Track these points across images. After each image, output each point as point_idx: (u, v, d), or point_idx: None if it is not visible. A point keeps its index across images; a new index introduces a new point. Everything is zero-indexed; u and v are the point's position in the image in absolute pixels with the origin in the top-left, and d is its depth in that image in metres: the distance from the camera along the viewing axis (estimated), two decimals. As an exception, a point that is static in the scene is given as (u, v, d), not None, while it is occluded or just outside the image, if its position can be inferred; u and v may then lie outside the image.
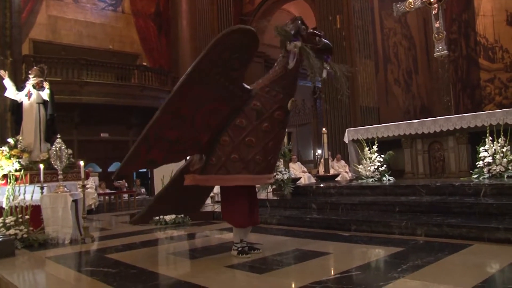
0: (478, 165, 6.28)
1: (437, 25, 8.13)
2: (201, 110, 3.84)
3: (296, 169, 11.95)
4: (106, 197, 12.91)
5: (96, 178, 13.11)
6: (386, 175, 7.31)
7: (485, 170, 6.15)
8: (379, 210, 5.78)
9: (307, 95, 19.34)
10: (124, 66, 16.87)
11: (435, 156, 7.54)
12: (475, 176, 6.26)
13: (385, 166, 7.39)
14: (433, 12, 8.13)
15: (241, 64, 3.84)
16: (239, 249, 4.28)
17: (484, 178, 6.08)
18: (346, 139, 8.63)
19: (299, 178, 9.08)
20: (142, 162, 4.07)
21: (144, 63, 17.69)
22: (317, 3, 13.87)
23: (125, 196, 13.65)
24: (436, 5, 8.09)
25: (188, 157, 4.63)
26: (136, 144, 3.84)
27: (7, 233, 5.55)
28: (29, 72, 7.67)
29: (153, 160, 4.06)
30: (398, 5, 8.72)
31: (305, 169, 12.98)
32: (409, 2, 8.46)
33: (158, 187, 8.49)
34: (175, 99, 3.73)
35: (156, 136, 3.81)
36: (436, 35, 8.17)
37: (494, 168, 6.09)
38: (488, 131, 6.28)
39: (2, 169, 6.85)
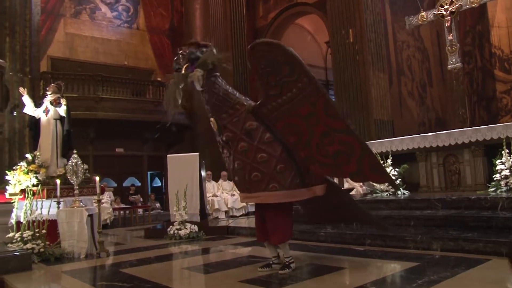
0: (495, 178, 6.20)
1: (450, 37, 8.12)
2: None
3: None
4: (121, 212, 13.01)
5: (111, 193, 13.22)
6: (401, 189, 7.26)
7: (502, 183, 6.07)
8: (394, 224, 5.73)
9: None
10: (139, 82, 17.10)
11: (451, 169, 7.47)
12: (492, 189, 6.17)
13: (399, 179, 7.34)
14: (446, 25, 8.13)
15: None
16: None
17: (501, 192, 5.99)
18: (360, 153, 8.58)
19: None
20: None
21: (159, 79, 17.90)
22: (330, 17, 13.94)
23: (140, 211, 13.72)
24: (448, 17, 8.09)
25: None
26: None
27: (25, 247, 5.64)
28: (47, 89, 7.86)
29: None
30: (411, 19, 8.73)
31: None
32: (422, 15, 8.48)
33: (172, 201, 8.54)
34: None
35: None
36: (449, 47, 8.15)
37: (511, 181, 6.01)
38: (504, 143, 6.21)
39: (20, 184, 6.99)
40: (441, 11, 8.17)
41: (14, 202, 6.44)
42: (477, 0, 7.75)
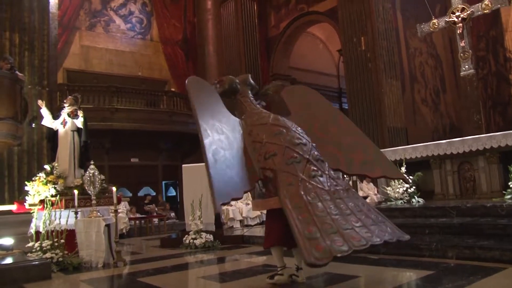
0: (511, 185, 6.16)
1: (462, 44, 8.10)
2: None
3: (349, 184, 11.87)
4: (137, 222, 13.12)
5: (127, 203, 13.35)
6: (416, 197, 7.23)
7: (518, 190, 6.02)
8: (409, 232, 5.67)
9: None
10: (153, 92, 17.32)
11: (465, 177, 7.42)
12: (508, 196, 6.11)
13: (414, 187, 7.31)
14: (458, 32, 8.11)
15: None
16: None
17: (517, 199, 5.95)
18: (373, 161, 8.57)
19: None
20: None
21: (173, 89, 18.13)
22: (342, 25, 14.00)
23: (155, 220, 13.83)
24: (460, 24, 8.07)
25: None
26: None
27: (44, 256, 5.75)
28: (64, 101, 8.03)
29: None
30: (422, 26, 8.73)
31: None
32: (433, 22, 8.47)
33: (188, 211, 8.61)
34: None
35: None
36: (462, 54, 8.13)
37: (527, 188, 5.96)
38: (519, 150, 6.17)
39: (39, 195, 7.13)
40: (452, 18, 8.16)
41: (33, 212, 6.56)
42: (488, 6, 7.73)
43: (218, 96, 4.20)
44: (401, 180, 7.28)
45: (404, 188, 7.25)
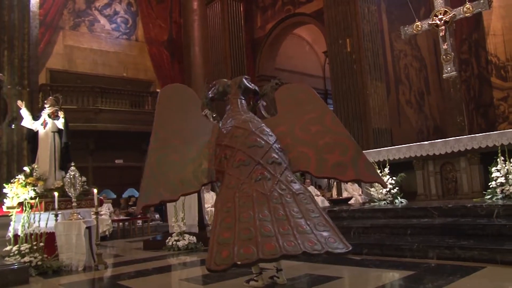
0: (491, 186, 6.22)
1: (445, 46, 8.17)
2: None
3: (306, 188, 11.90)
4: (120, 223, 13.00)
5: (110, 204, 13.24)
6: (399, 197, 7.27)
7: (498, 190, 6.07)
8: (391, 233, 5.75)
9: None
10: (138, 93, 17.24)
11: (447, 177, 7.49)
12: (488, 197, 6.17)
13: (397, 188, 7.35)
14: (441, 34, 8.18)
15: None
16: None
17: (497, 199, 6.00)
18: (357, 162, 8.60)
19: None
20: None
21: (158, 90, 18.02)
22: (327, 27, 14.06)
23: (139, 222, 13.72)
24: (443, 27, 8.14)
25: None
26: None
27: (22, 260, 5.65)
28: (45, 101, 7.92)
29: None
30: (406, 28, 8.79)
31: (318, 193, 12.95)
32: (416, 25, 8.54)
33: (171, 213, 8.55)
34: None
35: None
36: (444, 56, 8.20)
37: (507, 188, 6.01)
38: (499, 151, 6.23)
39: (18, 197, 7.02)
40: (435, 20, 8.23)
41: (11, 215, 6.46)
42: (470, 10, 7.82)
43: (194, 103, 4.26)
44: (384, 181, 7.32)
45: (388, 189, 7.28)
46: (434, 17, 8.23)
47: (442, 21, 8.11)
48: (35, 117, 7.67)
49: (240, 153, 3.78)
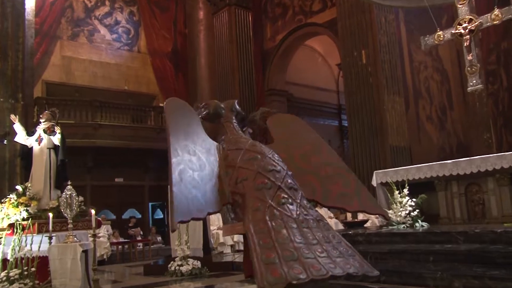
0: (523, 209, 6.09)
1: (469, 57, 8.07)
2: None
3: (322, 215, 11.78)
4: (119, 247, 12.94)
5: (109, 226, 13.21)
6: (419, 221, 7.12)
7: (531, 214, 5.95)
8: (411, 260, 5.62)
9: (332, 135, 19.36)
10: (140, 108, 17.31)
11: (473, 200, 7.34)
12: (520, 221, 6.06)
13: (417, 210, 7.22)
14: (465, 44, 8.09)
15: None
16: None
17: (530, 224, 5.88)
18: (374, 182, 8.51)
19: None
20: None
21: (161, 104, 18.07)
22: (341, 37, 14.08)
23: (140, 245, 13.65)
24: (467, 36, 8.04)
25: None
26: None
27: (11, 287, 5.59)
28: (40, 116, 7.95)
29: None
30: (426, 38, 8.72)
31: (332, 215, 12.80)
32: (438, 34, 8.46)
33: (174, 235, 8.49)
34: None
35: None
36: (469, 68, 8.10)
37: (540, 212, 5.89)
38: (532, 170, 6.11)
39: (8, 218, 6.98)
40: (459, 29, 8.14)
41: (1, 238, 6.42)
42: (498, 17, 7.71)
43: (196, 118, 4.35)
44: (403, 202, 7.22)
45: (407, 212, 7.16)
46: (458, 26, 8.15)
47: (467, 30, 8.01)
48: (30, 132, 7.70)
49: (260, 176, 3.83)
